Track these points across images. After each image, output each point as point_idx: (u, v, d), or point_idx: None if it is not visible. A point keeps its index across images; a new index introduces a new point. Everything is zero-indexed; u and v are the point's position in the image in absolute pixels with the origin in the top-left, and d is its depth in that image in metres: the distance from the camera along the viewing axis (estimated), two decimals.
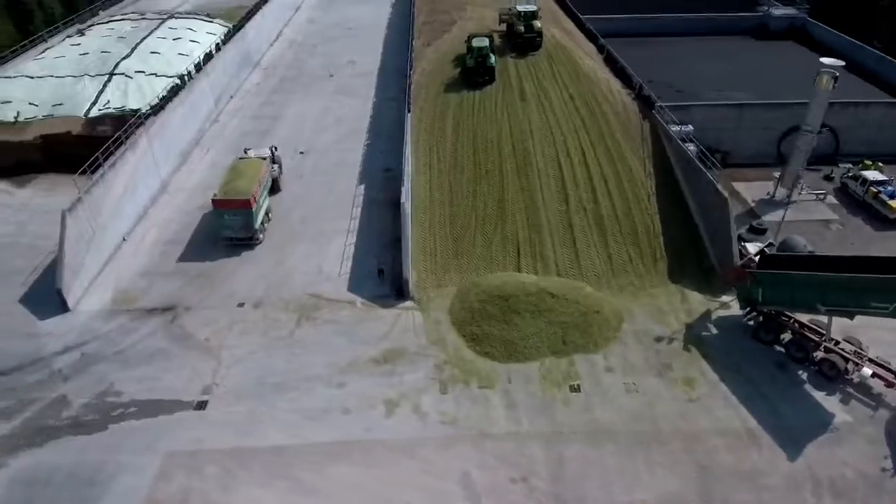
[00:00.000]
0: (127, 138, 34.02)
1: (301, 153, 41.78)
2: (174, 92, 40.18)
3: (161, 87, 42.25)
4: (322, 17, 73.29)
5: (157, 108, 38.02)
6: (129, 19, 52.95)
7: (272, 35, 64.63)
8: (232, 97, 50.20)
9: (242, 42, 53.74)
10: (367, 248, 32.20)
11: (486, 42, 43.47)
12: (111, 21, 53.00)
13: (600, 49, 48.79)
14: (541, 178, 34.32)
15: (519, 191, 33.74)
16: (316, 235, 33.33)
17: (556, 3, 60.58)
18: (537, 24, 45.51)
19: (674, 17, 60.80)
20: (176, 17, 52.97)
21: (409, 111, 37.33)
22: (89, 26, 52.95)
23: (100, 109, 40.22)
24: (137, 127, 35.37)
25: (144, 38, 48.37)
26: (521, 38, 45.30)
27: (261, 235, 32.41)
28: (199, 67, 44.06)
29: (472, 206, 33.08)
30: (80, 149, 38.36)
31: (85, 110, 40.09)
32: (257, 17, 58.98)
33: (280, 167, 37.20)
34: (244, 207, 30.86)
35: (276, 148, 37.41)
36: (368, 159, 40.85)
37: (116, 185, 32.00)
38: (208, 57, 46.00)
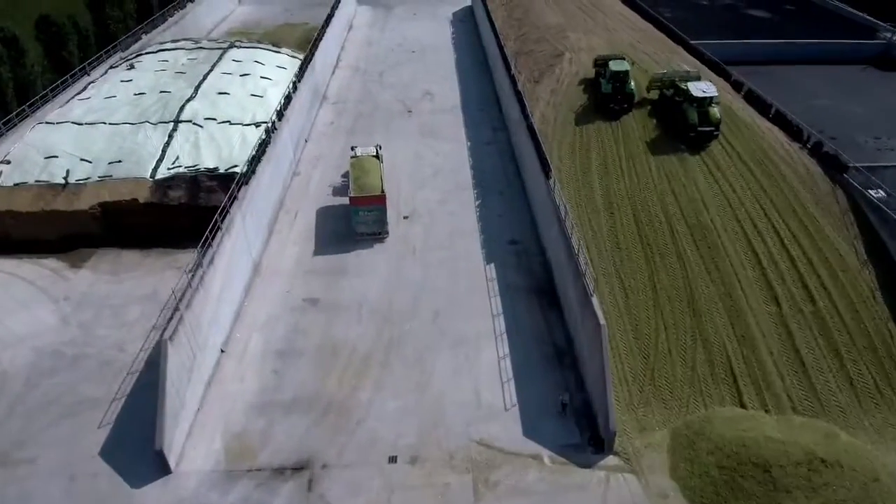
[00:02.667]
0: (223, 219, 27.15)
1: (405, 218, 34.97)
2: (262, 149, 33.33)
3: (237, 138, 35.50)
4: (380, 38, 66.44)
5: (249, 173, 31.17)
6: (182, 48, 46.09)
7: (333, 61, 57.89)
8: (307, 141, 43.42)
9: (312, 75, 46.93)
10: (527, 361, 25.36)
11: (626, 65, 37.35)
12: (162, 50, 46.11)
13: (735, 86, 41.91)
14: (733, 266, 27.52)
15: (709, 283, 26.93)
16: (457, 341, 26.49)
17: (656, 27, 53.70)
18: (717, 112, 33.73)
19: (786, 43, 54.04)
20: (237, 47, 46.08)
21: (549, 177, 30.51)
22: (136, 56, 46.08)
23: (169, 168, 33.40)
24: (231, 201, 28.54)
25: (207, 73, 41.53)
26: (691, 129, 33.73)
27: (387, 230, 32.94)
28: (280, 115, 37.19)
29: (655, 304, 26.25)
30: (147, 218, 31.99)
31: (151, 169, 33.26)
32: (322, 45, 52.18)
33: (382, 166, 36.24)
34: (379, 203, 31.98)
35: (380, 147, 37.95)
36: (487, 227, 34.01)
37: (214, 284, 25.16)
38: (287, 100, 39.12)
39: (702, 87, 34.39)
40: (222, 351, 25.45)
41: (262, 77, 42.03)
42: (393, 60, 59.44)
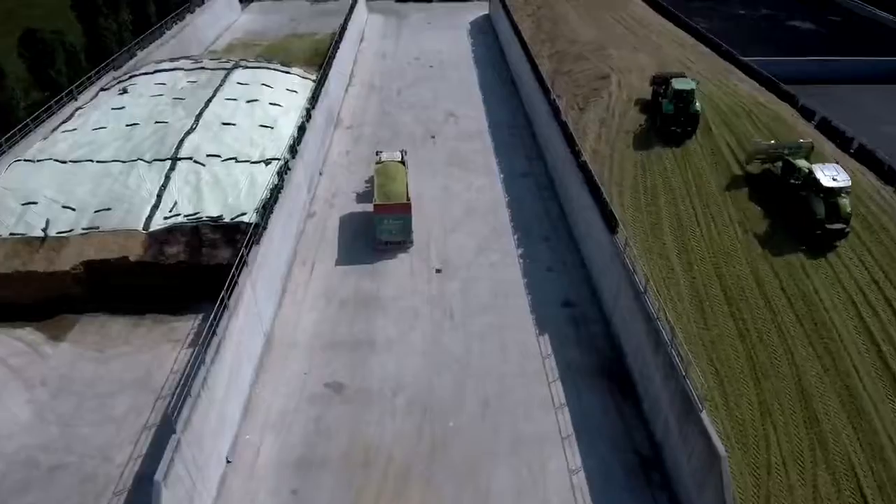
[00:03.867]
0: (230, 293, 22.42)
1: (438, 271, 30.26)
2: (274, 195, 28.64)
3: (244, 179, 30.72)
4: (394, 51, 61.66)
5: (259, 228, 26.46)
6: (181, 68, 41.30)
7: (346, 78, 53.15)
8: (321, 174, 38.69)
9: (325, 98, 42.20)
10: (606, 476, 20.64)
11: (691, 84, 33.19)
12: (158, 70, 41.30)
13: (805, 114, 37.04)
14: (846, 349, 22.75)
15: (821, 372, 22.14)
16: (515, 444, 21.77)
17: (701, 41, 48.87)
18: (848, 205, 26.29)
19: (849, 61, 49.33)
20: (243, 67, 41.29)
21: (613, 232, 25.77)
22: (130, 77, 41.28)
23: (165, 218, 28.63)
24: (240, 268, 23.79)
25: (209, 99, 36.74)
26: (818, 226, 26.08)
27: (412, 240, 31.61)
28: (293, 150, 32.45)
29: (760, 400, 21.43)
30: (139, 279, 27.28)
31: (144, 219, 28.51)
32: (335, 62, 47.45)
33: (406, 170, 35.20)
34: (404, 212, 30.77)
35: (405, 152, 36.89)
36: (535, 284, 29.29)
37: (219, 384, 20.41)
38: (300, 131, 34.37)
39: (832, 174, 26.82)
40: (228, 461, 20.71)
41: (270, 103, 37.23)
42: (410, 77, 54.66)
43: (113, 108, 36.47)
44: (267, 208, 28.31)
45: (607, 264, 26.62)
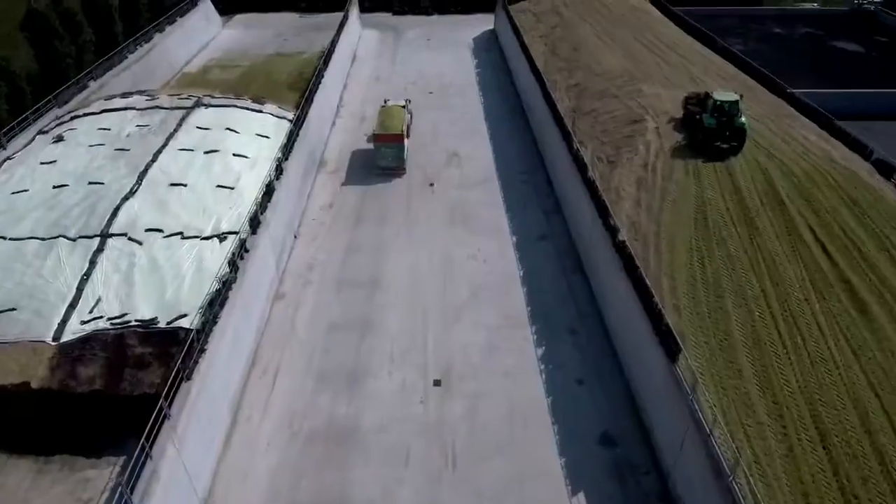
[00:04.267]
0: (152, 443, 15.92)
1: (436, 384, 23.68)
2: (226, 290, 22.12)
3: (189, 263, 24.15)
4: (390, 73, 55.14)
5: (203, 339, 19.92)
6: (133, 107, 34.64)
7: (334, 108, 46.66)
8: (296, 237, 32.11)
9: (305, 140, 35.67)
10: None
11: (734, 96, 30.57)
12: (106, 110, 34.63)
13: (881, 167, 30.40)
14: None
15: None
16: None
17: (742, 69, 42.22)
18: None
19: None
20: (205, 105, 34.65)
21: (674, 359, 19.19)
22: (73, 118, 34.55)
23: (83, 322, 22.02)
24: (171, 401, 17.28)
25: (160, 150, 30.18)
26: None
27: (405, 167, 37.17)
28: (255, 223, 25.90)
29: None
30: (44, 410, 20.82)
31: (57, 324, 21.92)
32: (320, 91, 40.95)
33: (411, 117, 41.23)
34: (398, 141, 36.86)
35: (409, 101, 41.96)
36: (563, 406, 22.68)
37: None
38: (268, 191, 27.84)
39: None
40: None
41: (234, 154, 30.62)
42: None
43: (42, 163, 29.88)
44: (214, 307, 21.81)
45: (662, 393, 20.06)
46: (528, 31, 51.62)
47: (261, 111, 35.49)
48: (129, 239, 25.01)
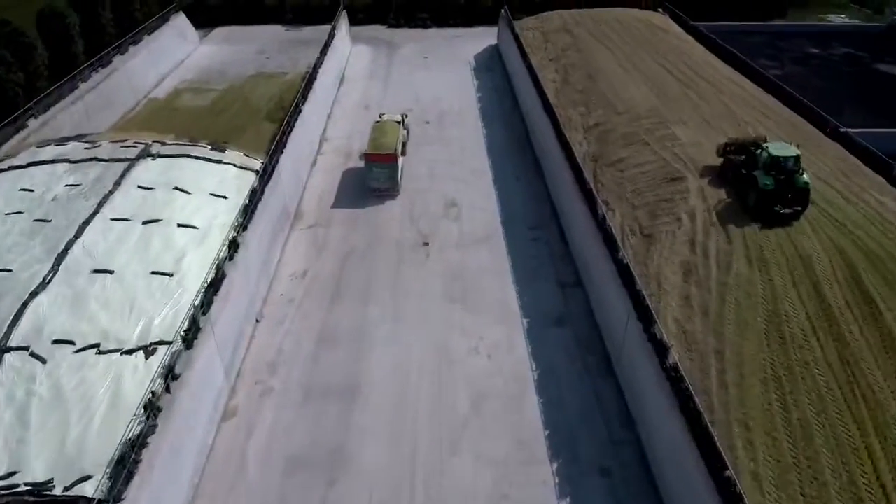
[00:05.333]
0: None
1: None
2: (144, 437, 16.37)
3: (103, 392, 18.40)
4: (381, 98, 49.26)
5: None
6: (66, 159, 28.73)
7: (315, 144, 40.86)
8: (258, 321, 26.28)
9: (275, 194, 29.87)
10: None
11: (794, 150, 25.10)
12: (34, 163, 28.66)
13: None
14: None
15: None
16: None
17: (786, 102, 36.38)
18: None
19: None
20: (153, 156, 28.72)
21: (731, 486, 13.43)
22: None
23: None
24: None
25: (88, 220, 24.33)
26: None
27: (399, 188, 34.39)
28: (191, 333, 20.04)
29: None
30: None
31: None
32: (298, 130, 35.15)
33: (408, 132, 39.17)
34: (390, 161, 33.99)
35: (406, 115, 39.56)
36: None
37: None
38: (216, 282, 22.03)
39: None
40: None
41: (180, 225, 24.75)
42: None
43: None
44: (128, 465, 16.06)
45: None
46: (536, 51, 45.83)
47: (220, 161, 29.60)
48: (32, 355, 19.26)
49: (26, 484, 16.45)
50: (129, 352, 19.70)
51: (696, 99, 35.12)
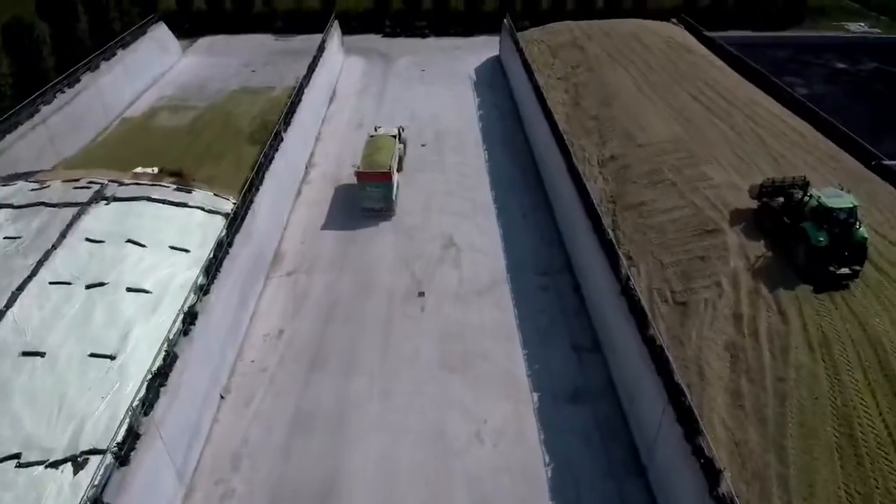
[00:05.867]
0: None
1: None
2: None
3: None
4: (376, 116, 45.35)
5: None
6: (8, 205, 24.91)
7: (300, 173, 37.13)
8: (223, 397, 22.52)
9: (248, 241, 26.11)
10: None
11: (849, 200, 21.37)
12: None
13: None
14: None
15: None
16: None
17: (824, 133, 32.62)
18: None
19: None
20: (109, 200, 24.94)
21: None
22: None
23: None
24: None
25: (23, 284, 20.56)
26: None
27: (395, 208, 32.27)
28: (130, 442, 16.27)
29: None
30: None
31: None
32: (278, 164, 31.42)
33: (405, 147, 37.41)
34: (384, 180, 31.60)
35: (403, 129, 37.48)
36: None
37: None
38: (164, 373, 18.25)
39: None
40: None
41: (129, 289, 20.98)
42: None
43: None
44: None
45: None
46: (542, 68, 42.05)
47: (185, 204, 25.81)
48: None
49: None
50: (55, 464, 15.96)
51: (726, 128, 31.30)
